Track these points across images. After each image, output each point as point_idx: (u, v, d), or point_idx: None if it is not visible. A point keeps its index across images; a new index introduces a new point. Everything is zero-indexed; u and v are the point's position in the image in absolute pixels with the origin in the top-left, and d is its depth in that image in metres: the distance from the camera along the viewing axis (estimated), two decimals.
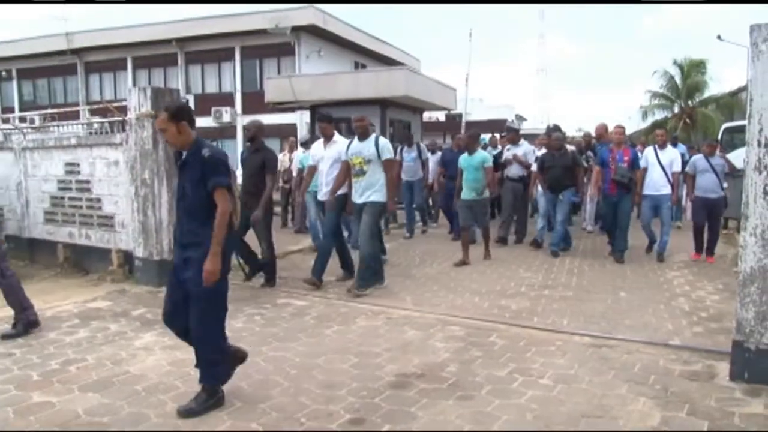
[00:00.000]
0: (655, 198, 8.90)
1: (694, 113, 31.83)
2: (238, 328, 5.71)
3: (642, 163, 9.05)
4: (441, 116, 34.74)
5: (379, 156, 6.90)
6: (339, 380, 4.40)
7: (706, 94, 32.23)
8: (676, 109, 33.09)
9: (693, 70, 31.97)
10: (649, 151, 9.29)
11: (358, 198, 7.07)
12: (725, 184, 9.01)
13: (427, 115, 23.69)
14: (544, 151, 10.30)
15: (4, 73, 33.17)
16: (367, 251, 6.93)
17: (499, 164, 10.80)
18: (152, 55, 30.04)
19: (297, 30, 26.25)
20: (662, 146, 9.14)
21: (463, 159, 9.08)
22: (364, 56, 30.86)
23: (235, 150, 28.61)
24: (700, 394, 4.09)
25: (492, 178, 9.25)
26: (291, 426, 3.70)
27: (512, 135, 11.34)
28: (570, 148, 10.34)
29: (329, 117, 7.83)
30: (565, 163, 9.47)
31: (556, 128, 11.27)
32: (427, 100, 17.62)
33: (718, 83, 32.06)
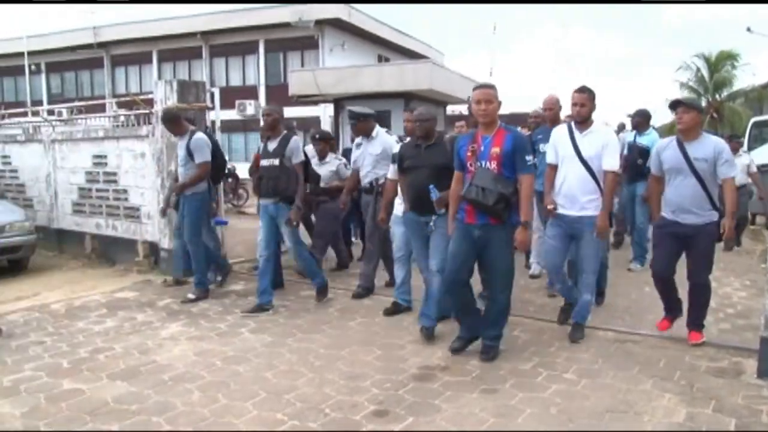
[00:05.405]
0: (571, 221, 5.02)
1: (721, 108, 31.34)
2: (262, 319, 5.77)
3: (550, 157, 5.20)
4: (464, 110, 34.63)
5: None
6: (363, 372, 4.43)
7: (736, 87, 31.72)
8: (704, 103, 32.61)
9: (721, 63, 31.47)
10: (560, 133, 5.17)
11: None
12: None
13: (450, 108, 23.58)
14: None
15: (33, 66, 33.62)
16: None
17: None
18: (177, 49, 30.32)
19: (321, 23, 26.30)
20: (582, 124, 5.04)
21: None
22: (388, 49, 30.82)
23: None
24: (726, 391, 4.04)
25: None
26: (315, 416, 3.73)
27: (362, 123, 6.76)
28: (451, 134, 6.68)
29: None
30: (437, 160, 5.11)
31: (641, 114, 7.92)
32: (451, 94, 17.54)
33: (751, 76, 31.29)
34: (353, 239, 9.06)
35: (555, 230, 5.14)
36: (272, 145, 6.22)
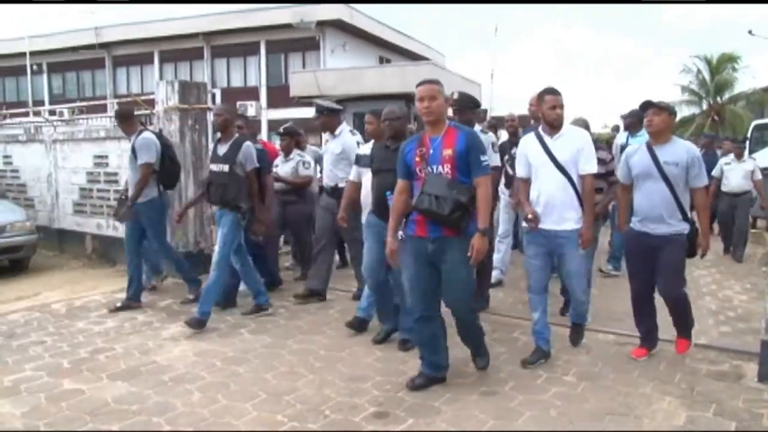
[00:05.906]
0: (550, 237, 4.53)
1: (723, 110, 31.31)
2: (262, 320, 5.77)
3: (520, 170, 4.73)
4: None
5: None
6: (363, 373, 4.43)
7: (737, 89, 31.70)
8: (705, 106, 32.57)
9: (722, 65, 31.46)
10: (528, 142, 4.69)
11: None
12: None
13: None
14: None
15: (34, 66, 33.69)
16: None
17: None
18: (179, 49, 30.36)
19: (322, 24, 26.33)
20: (553, 126, 4.52)
21: None
22: (389, 51, 30.86)
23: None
24: (727, 394, 4.04)
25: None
26: (315, 418, 3.73)
27: (326, 118, 6.41)
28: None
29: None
30: None
31: (634, 114, 7.49)
32: None
33: (751, 79, 31.20)
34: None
35: (535, 249, 4.62)
36: (222, 149, 5.73)
